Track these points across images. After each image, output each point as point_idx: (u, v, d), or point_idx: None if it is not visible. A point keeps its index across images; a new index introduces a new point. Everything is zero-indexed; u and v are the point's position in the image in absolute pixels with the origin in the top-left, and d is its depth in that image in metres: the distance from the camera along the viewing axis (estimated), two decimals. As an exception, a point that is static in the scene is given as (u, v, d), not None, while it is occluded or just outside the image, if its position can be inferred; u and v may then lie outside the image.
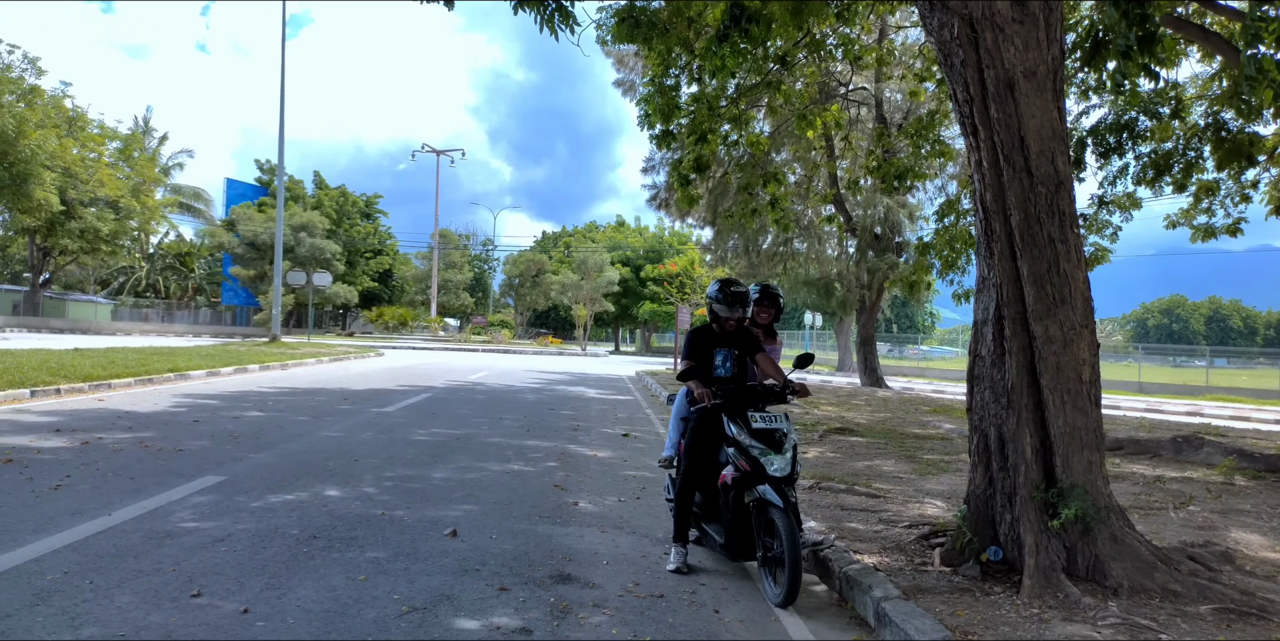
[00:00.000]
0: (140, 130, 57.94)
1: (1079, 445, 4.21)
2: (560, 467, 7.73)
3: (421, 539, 4.95)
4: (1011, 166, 4.29)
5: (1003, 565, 4.39)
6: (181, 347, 24.81)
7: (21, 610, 3.47)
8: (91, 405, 10.52)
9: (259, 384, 15.13)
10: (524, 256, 64.37)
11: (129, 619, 3.44)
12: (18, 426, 8.40)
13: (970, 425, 4.68)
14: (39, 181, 36.58)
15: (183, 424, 9.17)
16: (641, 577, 4.48)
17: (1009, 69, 4.29)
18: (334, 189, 64.42)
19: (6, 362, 13.79)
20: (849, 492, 6.66)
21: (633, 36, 9.33)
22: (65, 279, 59.89)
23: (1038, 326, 4.26)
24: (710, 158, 11.57)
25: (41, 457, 6.76)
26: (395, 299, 67.77)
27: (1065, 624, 3.74)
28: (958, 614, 3.84)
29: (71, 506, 5.21)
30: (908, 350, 63.17)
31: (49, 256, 47.35)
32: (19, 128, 35.14)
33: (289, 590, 3.91)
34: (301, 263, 51.99)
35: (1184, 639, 3.55)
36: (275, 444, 8.08)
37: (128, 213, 45.30)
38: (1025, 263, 4.28)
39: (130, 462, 6.74)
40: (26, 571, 3.96)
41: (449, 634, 3.50)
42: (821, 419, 12.65)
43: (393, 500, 5.92)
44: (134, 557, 4.25)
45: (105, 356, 17.04)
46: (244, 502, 5.58)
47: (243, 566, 4.21)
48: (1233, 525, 6.12)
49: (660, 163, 24.47)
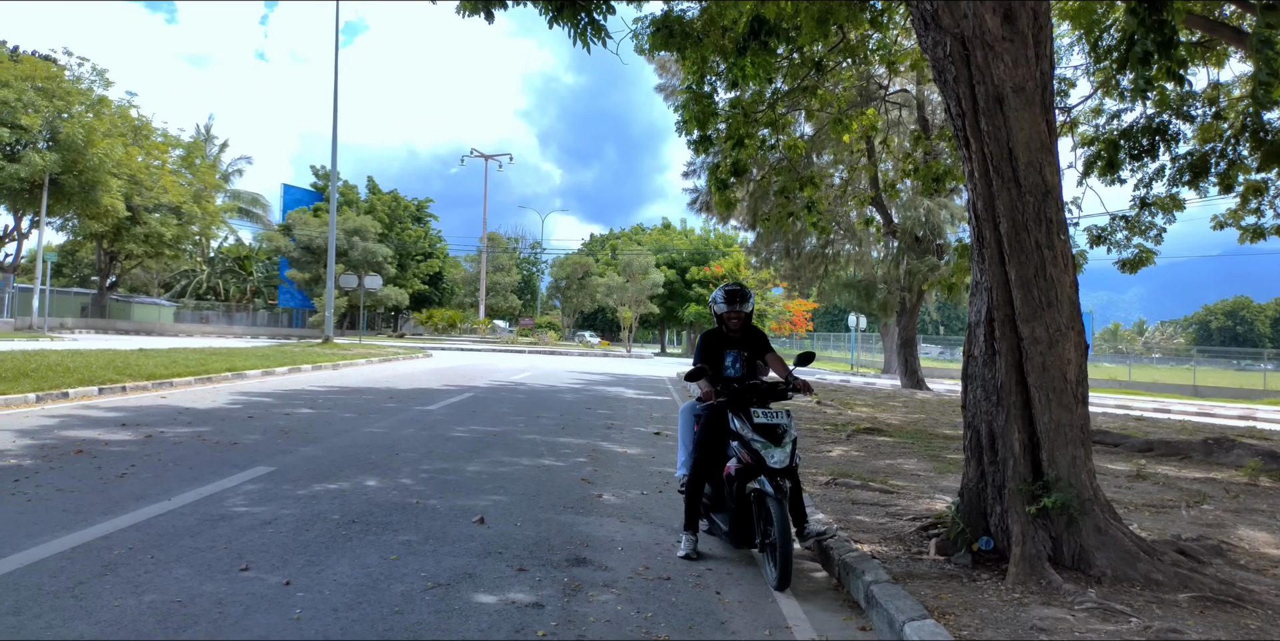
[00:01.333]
0: (202, 138, 60.03)
1: (1063, 441, 4.43)
2: (589, 463, 8.09)
3: (451, 525, 5.33)
4: (1000, 177, 4.52)
5: (994, 554, 4.62)
6: (239, 348, 25.78)
7: (92, 579, 3.93)
8: (154, 402, 11.17)
9: (310, 383, 15.78)
10: (570, 259, 65.08)
11: (184, 588, 3.87)
12: (87, 421, 9.02)
13: (964, 422, 4.92)
14: (106, 188, 38.14)
15: (238, 419, 9.73)
16: (652, 562, 4.80)
17: (998, 84, 4.52)
18: (386, 194, 65.82)
19: (76, 362, 14.61)
20: (863, 488, 6.90)
21: (667, 45, 9.63)
22: (131, 282, 62.16)
23: (1025, 328, 4.49)
24: (747, 162, 11.80)
25: (109, 449, 7.32)
26: (445, 301, 68.99)
27: (1043, 607, 3.97)
28: (941, 597, 4.09)
29: (136, 492, 5.71)
30: (958, 352, 62.44)
31: (115, 260, 49.27)
32: (88, 137, 36.69)
33: (327, 566, 4.31)
34: (355, 266, 53.30)
35: (1153, 622, 3.77)
36: (322, 438, 8.58)
37: (189, 218, 46.95)
38: (1013, 267, 4.51)
39: (189, 454, 7.26)
40: (96, 547, 4.43)
41: (468, 607, 3.86)
42: (854, 419, 12.83)
43: (427, 490, 6.33)
44: (190, 536, 4.70)
45: (167, 356, 17.89)
46: (290, 490, 6.03)
47: (287, 546, 4.63)
48: (1242, 523, 6.23)
49: (700, 167, 24.75)
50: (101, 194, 38.03)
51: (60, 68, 39.88)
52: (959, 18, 4.58)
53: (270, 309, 67.03)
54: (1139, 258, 13.64)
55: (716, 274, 60.01)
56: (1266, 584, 4.44)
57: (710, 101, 10.88)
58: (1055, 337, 4.44)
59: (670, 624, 3.83)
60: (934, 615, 3.79)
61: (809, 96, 12.21)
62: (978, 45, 4.53)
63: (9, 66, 36.59)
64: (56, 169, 35.95)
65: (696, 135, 10.99)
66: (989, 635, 3.60)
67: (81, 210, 39.60)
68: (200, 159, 51.80)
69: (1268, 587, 4.37)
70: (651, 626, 3.78)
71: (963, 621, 3.77)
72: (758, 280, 56.75)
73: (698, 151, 11.97)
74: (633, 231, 76.04)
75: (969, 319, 4.90)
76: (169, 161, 46.84)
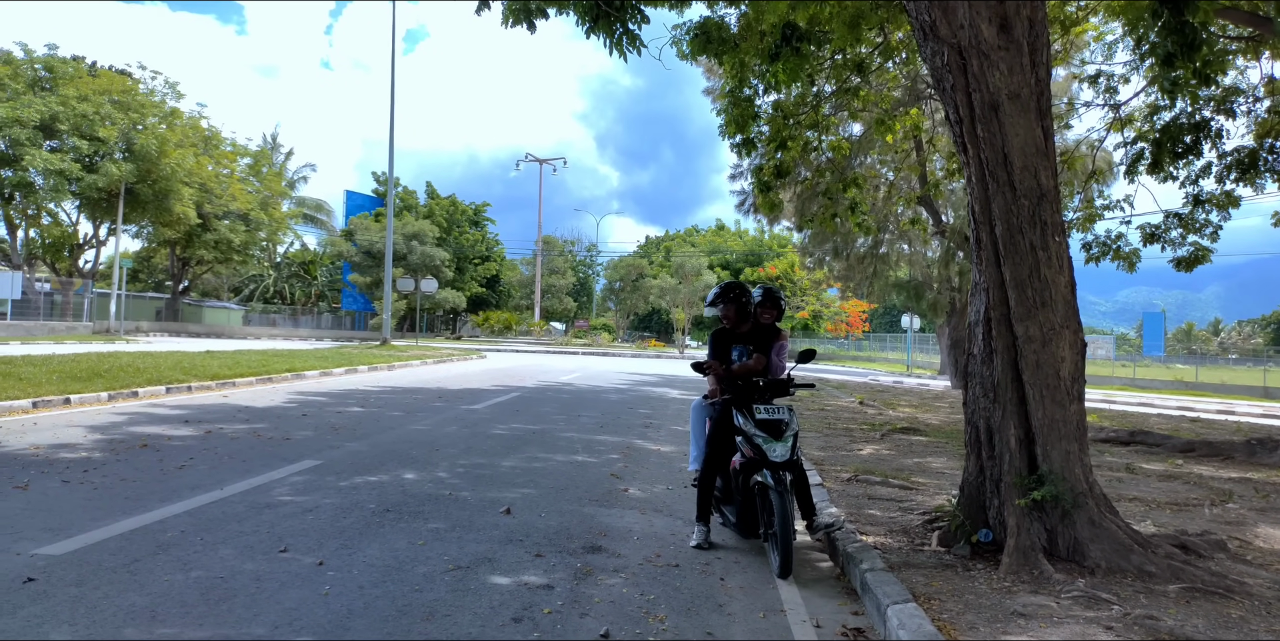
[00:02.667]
0: (269, 146, 62.09)
1: (1057, 436, 4.56)
2: (621, 459, 8.37)
3: (478, 515, 5.66)
4: (995, 181, 4.68)
5: (992, 546, 4.77)
6: (300, 350, 26.71)
7: (145, 557, 4.34)
8: (217, 400, 11.80)
9: (365, 383, 16.38)
10: (624, 261, 65.57)
11: (227, 565, 4.25)
12: (153, 418, 9.62)
13: (965, 418, 5.08)
14: (178, 197, 39.74)
15: (292, 417, 10.26)
16: (664, 551, 5.06)
17: (994, 92, 4.68)
18: (444, 198, 67.15)
19: (146, 363, 15.43)
20: (883, 485, 7.06)
21: (706, 50, 9.82)
22: (202, 286, 64.42)
23: (1019, 327, 4.64)
24: (791, 164, 11.92)
25: (171, 443, 7.84)
26: (502, 304, 70.06)
27: (1030, 595, 4.13)
28: (932, 584, 4.27)
29: (191, 482, 6.17)
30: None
31: (187, 266, 51.24)
32: (161, 147, 38.29)
33: (358, 550, 4.67)
34: (413, 270, 54.52)
35: (1134, 609, 3.90)
36: (369, 435, 9.02)
37: (257, 224, 48.61)
38: (1008, 268, 4.66)
39: (243, 448, 7.75)
40: (153, 529, 4.86)
41: (483, 587, 4.16)
42: (893, 419, 12.89)
43: (461, 483, 6.68)
44: (237, 522, 5.11)
45: (232, 358, 18.71)
46: (333, 482, 6.44)
47: (324, 531, 5.01)
48: (1265, 521, 6.23)
49: (746, 169, 24.85)
50: (174, 202, 39.62)
51: (135, 81, 41.72)
52: (956, 28, 4.75)
53: (334, 312, 68.87)
54: (1195, 255, 13.39)
55: (771, 274, 59.94)
56: (1263, 577, 4.51)
57: (750, 105, 11.00)
58: (1049, 336, 4.58)
59: (670, 605, 4.08)
60: (920, 600, 3.98)
61: (852, 97, 12.27)
62: (974, 54, 4.69)
63: (88, 81, 38.41)
64: (132, 178, 37.59)
65: (739, 138, 11.13)
66: (969, 619, 3.78)
67: (155, 218, 41.33)
68: (267, 167, 53.57)
69: (1262, 581, 4.44)
70: (652, 607, 4.04)
71: (946, 605, 3.95)
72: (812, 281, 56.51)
73: (741, 154, 12.16)
74: (686, 233, 76.27)
75: (969, 318, 5.05)
76: (237, 170, 48.58)
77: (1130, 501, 6.79)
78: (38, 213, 40.89)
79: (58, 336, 31.13)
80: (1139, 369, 44.08)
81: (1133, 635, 3.61)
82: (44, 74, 38.66)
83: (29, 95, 36.38)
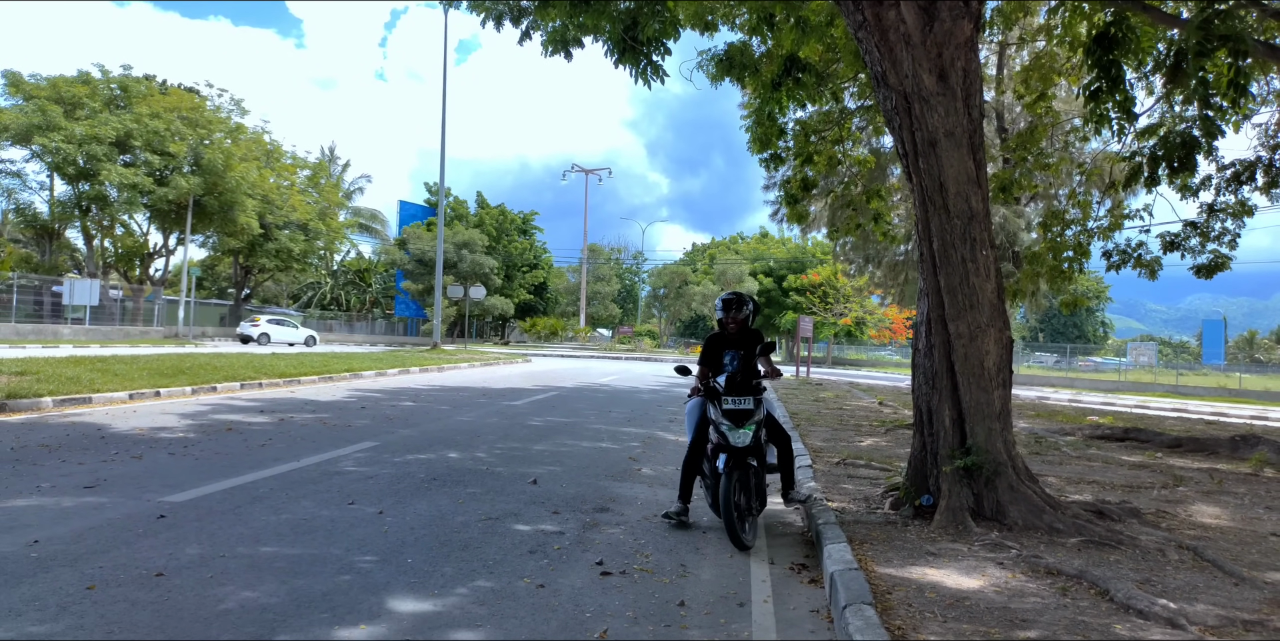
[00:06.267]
0: (327, 159, 64.48)
1: (982, 416, 5.50)
2: (641, 446, 9.41)
3: (509, 484, 6.75)
4: (933, 204, 5.63)
5: (932, 509, 5.71)
6: (357, 353, 28.26)
7: (245, 505, 5.50)
8: (285, 395, 13.13)
9: (416, 383, 17.68)
10: (668, 268, 66.68)
11: (308, 511, 5.40)
12: (232, 408, 10.93)
13: (913, 404, 6.02)
14: (242, 208, 41.85)
15: (352, 409, 11.50)
16: (661, 513, 6.08)
17: (932, 130, 5.64)
18: (494, 208, 68.97)
19: (221, 363, 16.91)
20: (866, 467, 8.00)
21: (729, 74, 10.72)
22: (263, 293, 67.02)
23: (951, 326, 5.58)
24: (817, 178, 12.82)
25: (251, 428, 9.10)
26: (549, 310, 71.61)
27: (949, 543, 5.08)
28: (872, 534, 5.24)
29: (273, 456, 7.37)
30: (1077, 361, 60.96)
31: (249, 274, 53.59)
32: (226, 161, 40.44)
33: (410, 505, 5.78)
34: (463, 277, 56.23)
35: (1027, 552, 4.82)
36: (419, 424, 10.20)
37: (315, 234, 50.75)
38: (943, 276, 5.61)
39: (312, 432, 8.96)
40: (247, 487, 6.04)
41: (507, 531, 5.24)
42: (903, 417, 13.71)
43: (496, 461, 7.79)
44: (312, 483, 6.27)
45: (296, 359, 20.20)
46: (389, 458, 7.60)
47: (382, 491, 6.14)
48: (1204, 501, 7.02)
49: (778, 180, 25.73)
50: (238, 213, 41.73)
51: (202, 98, 44.05)
52: (902, 77, 5.72)
53: (387, 318, 71.03)
54: (1214, 263, 13.95)
55: (813, 281, 60.46)
56: (1156, 536, 5.38)
57: (774, 123, 11.89)
58: (975, 333, 5.52)
59: (656, 548, 5.11)
60: (855, 544, 4.95)
61: (876, 112, 13.09)
62: (916, 99, 5.66)
63: (159, 99, 40.74)
64: (199, 191, 39.75)
65: (767, 154, 11.96)
66: (889, 556, 4.75)
67: (220, 228, 43.53)
68: (325, 179, 55.76)
69: (1154, 538, 5.31)
70: (640, 548, 5.07)
71: (877, 548, 4.92)
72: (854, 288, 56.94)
73: (768, 169, 13.08)
74: (730, 240, 77.09)
75: (915, 319, 6.00)
76: (297, 182, 50.77)
77: (1089, 484, 7.62)
78: (112, 224, 43.32)
79: (132, 340, 33.15)
80: (1181, 376, 43.82)
81: (1017, 568, 4.55)
82: (119, 93, 41.07)
83: (105, 113, 38.73)
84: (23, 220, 42.58)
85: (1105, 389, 39.49)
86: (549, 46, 9.41)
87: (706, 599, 4.17)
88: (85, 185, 38.42)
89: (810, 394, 19.73)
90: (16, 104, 37.27)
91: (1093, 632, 3.57)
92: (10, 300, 33.02)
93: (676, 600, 4.12)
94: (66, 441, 7.64)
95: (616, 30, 9.34)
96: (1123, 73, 6.81)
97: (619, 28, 9.35)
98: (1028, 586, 4.24)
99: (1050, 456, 9.50)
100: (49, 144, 35.40)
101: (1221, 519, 6.28)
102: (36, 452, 7.00)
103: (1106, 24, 6.74)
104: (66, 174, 38.04)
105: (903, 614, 3.74)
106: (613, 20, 9.36)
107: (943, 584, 4.24)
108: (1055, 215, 15.32)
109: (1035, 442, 10.73)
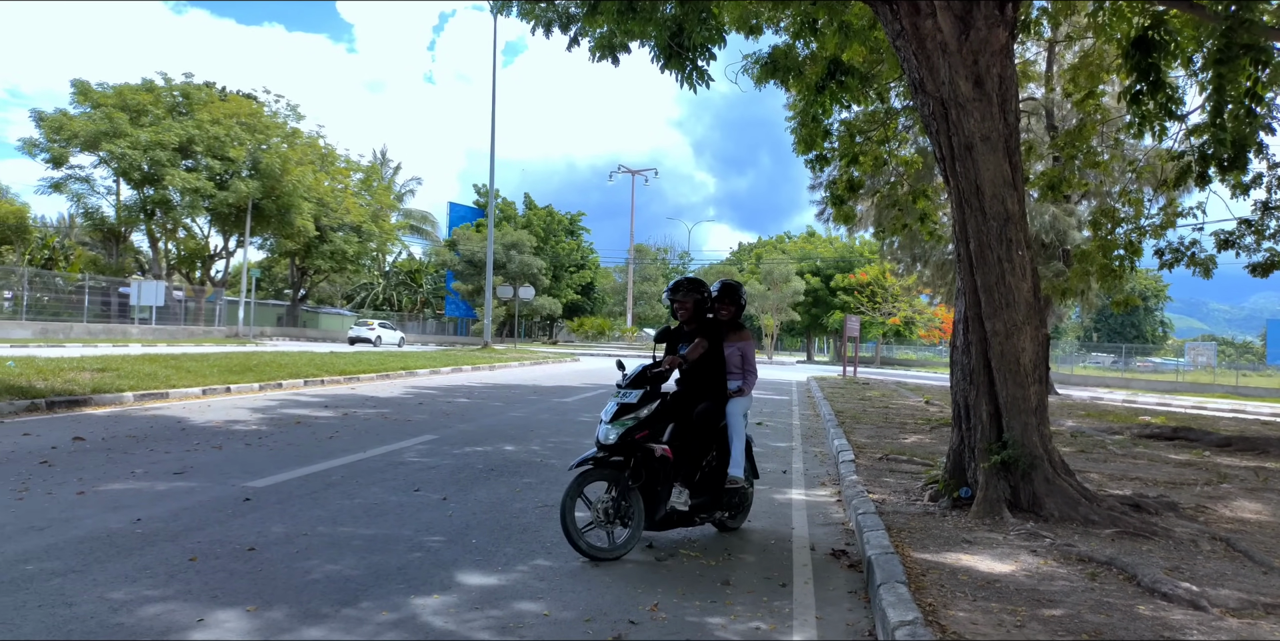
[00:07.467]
0: (379, 161, 65.89)
1: (1018, 411, 5.69)
2: (688, 442, 9.68)
3: (562, 475, 7.07)
4: (969, 207, 5.84)
5: (970, 501, 5.91)
6: (410, 352, 28.99)
7: (320, 490, 5.92)
8: (346, 391, 13.68)
9: (469, 380, 18.18)
10: (714, 268, 66.76)
11: (378, 497, 5.79)
12: (299, 403, 11.47)
13: (952, 399, 6.23)
14: (299, 211, 43.02)
15: (410, 405, 11.97)
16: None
17: (969, 135, 5.84)
18: (541, 209, 69.77)
19: (284, 361, 17.60)
20: (908, 462, 8.20)
21: (773, 76, 10.86)
22: (318, 294, 68.67)
23: (988, 324, 5.78)
24: (862, 178, 12.92)
25: (318, 421, 9.59)
26: (596, 310, 72.20)
27: (985, 532, 5.29)
28: (910, 524, 5.47)
29: (341, 447, 7.82)
30: (1134, 362, 59.77)
31: (305, 275, 54.98)
32: (283, 165, 41.63)
33: (471, 492, 6.15)
34: (512, 278, 57.00)
35: (1061, 541, 5.01)
36: (475, 419, 10.62)
37: (368, 236, 51.90)
38: (979, 276, 5.81)
39: (375, 426, 9.42)
40: (320, 475, 6.47)
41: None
42: (949, 416, 13.78)
43: (550, 454, 8.15)
44: (380, 472, 6.69)
45: (354, 358, 20.88)
46: (448, 450, 8.00)
47: (445, 480, 6.53)
48: (1246, 498, 7.09)
49: (823, 180, 25.78)
50: (295, 216, 42.90)
51: (260, 104, 45.37)
52: (939, 84, 5.93)
53: (438, 318, 72.27)
54: (1270, 261, 13.81)
55: (861, 281, 60.08)
56: (1192, 528, 5.52)
57: (818, 125, 12.02)
58: (1011, 331, 5.71)
59: (702, 533, 5.41)
60: (891, 532, 5.18)
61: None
62: (953, 105, 5.87)
63: (219, 106, 42.06)
64: (258, 195, 40.97)
65: (812, 155, 12.07)
66: (925, 543, 4.98)
67: (278, 231, 44.78)
68: (377, 182, 56.99)
69: (1189, 530, 5.45)
70: (687, 534, 5.37)
71: (914, 536, 5.15)
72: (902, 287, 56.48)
73: (814, 170, 13.23)
74: (777, 240, 76.88)
75: (954, 317, 6.20)
76: (350, 185, 51.98)
77: (1131, 480, 7.72)
78: (175, 227, 44.84)
79: (196, 339, 34.37)
80: (1243, 377, 42.76)
81: (1049, 556, 4.75)
82: (181, 99, 42.48)
83: (168, 120, 40.12)
84: (91, 224, 44.22)
85: (1162, 390, 38.74)
86: (596, 52, 9.64)
87: (750, 580, 4.46)
88: (150, 189, 39.80)
89: (856, 393, 19.82)
90: (85, 112, 38.76)
91: (1116, 613, 3.78)
92: (81, 301, 34.39)
93: (721, 579, 4.41)
94: (151, 432, 8.18)
95: (663, 36, 9.49)
96: (1162, 75, 6.91)
97: (665, 34, 9.49)
98: (1058, 571, 4.44)
99: (1095, 454, 9.58)
100: (115, 150, 36.81)
101: (1262, 514, 6.37)
102: (126, 442, 7.54)
103: (1145, 27, 6.85)
104: (132, 179, 39.49)
105: (934, 593, 3.98)
106: (659, 26, 9.50)
107: (975, 568, 4.46)
108: (1106, 213, 15.29)
109: (1082, 440, 10.78)
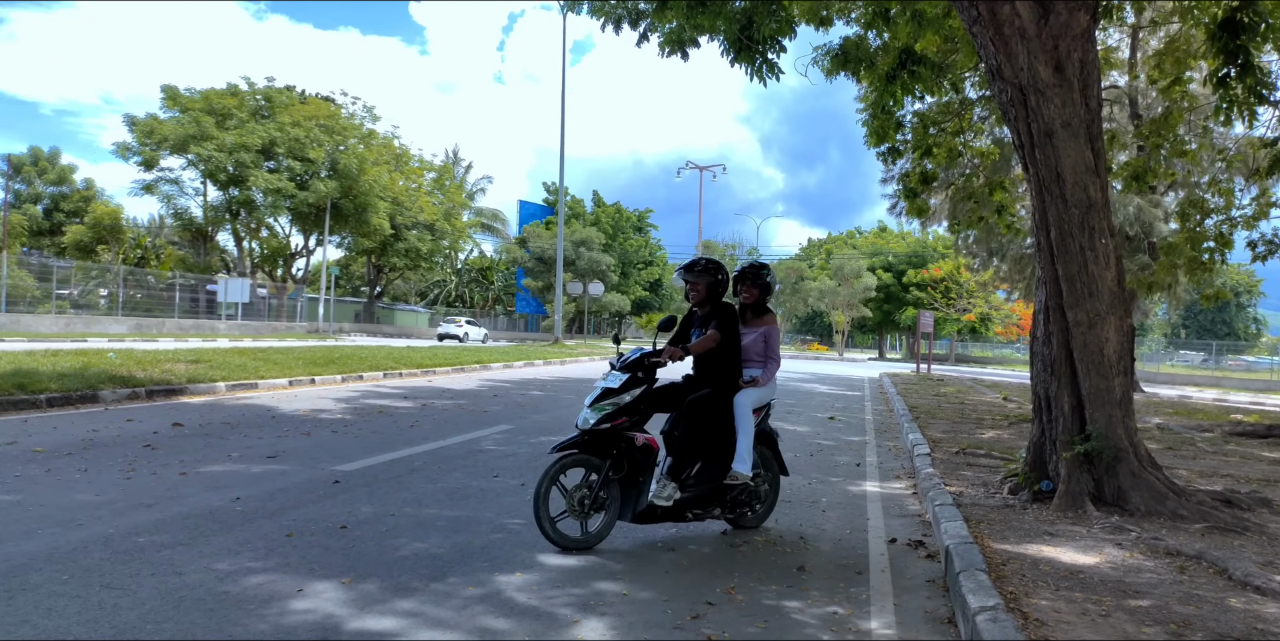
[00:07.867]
0: (450, 161, 67.11)
1: (1101, 403, 5.57)
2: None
3: (637, 464, 7.19)
4: (1049, 194, 5.73)
5: (1051, 494, 5.81)
6: (483, 347, 29.54)
7: (405, 474, 6.14)
8: (424, 384, 14.04)
9: (541, 374, 18.46)
10: (783, 264, 66.20)
11: (460, 482, 5.98)
12: (379, 394, 11.83)
13: (1032, 390, 6.13)
14: (375, 210, 44.17)
15: (485, 397, 12.24)
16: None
17: (1049, 121, 5.73)
18: (609, 206, 70.20)
19: (364, 355, 18.16)
20: (985, 457, 8.08)
21: (844, 67, 10.74)
22: (393, 291, 70.35)
23: (1070, 314, 5.67)
24: (936, 171, 12.69)
25: (400, 411, 9.89)
26: (664, 306, 72.29)
27: (1067, 525, 5.20)
28: (989, 516, 5.41)
29: (422, 435, 8.06)
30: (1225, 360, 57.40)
31: (381, 272, 56.39)
32: (360, 166, 42.77)
33: (548, 479, 6.29)
34: (581, 275, 57.52)
35: (1148, 535, 4.90)
36: (548, 410, 10.81)
37: (441, 234, 52.98)
38: (1061, 265, 5.70)
39: (453, 416, 9.67)
40: (404, 461, 6.70)
41: (638, 504, 5.66)
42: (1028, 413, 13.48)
43: (623, 444, 8.25)
44: (460, 459, 6.89)
45: (430, 352, 21.41)
46: (524, 439, 8.19)
47: (522, 467, 6.69)
48: (1346, 496, 6.81)
49: (896, 173, 25.38)
50: (371, 215, 44.07)
51: (337, 107, 46.65)
52: (1017, 70, 5.83)
53: (508, 314, 73.35)
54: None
55: (935, 276, 58.87)
56: (1287, 525, 5.34)
57: (890, 116, 11.85)
58: (1094, 321, 5.59)
59: (775, 521, 5.43)
60: (972, 523, 5.13)
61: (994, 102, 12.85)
62: (1031, 91, 5.76)
63: (299, 108, 43.39)
64: (336, 195, 42.17)
65: (885, 147, 11.91)
66: (1005, 534, 4.93)
67: (355, 229, 46.06)
68: (449, 181, 58.12)
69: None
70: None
71: (994, 528, 5.10)
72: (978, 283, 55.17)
73: (886, 163, 12.97)
74: (847, 235, 75.85)
75: (1035, 307, 6.10)
76: (424, 184, 53.12)
77: (1222, 477, 7.48)
78: (258, 226, 46.47)
79: (279, 334, 35.59)
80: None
81: (1135, 549, 4.66)
82: (263, 103, 43.96)
83: (252, 123, 41.59)
84: (180, 224, 46.15)
85: (1256, 389, 37.09)
86: (666, 47, 9.66)
87: (826, 567, 4.48)
88: (235, 190, 41.30)
89: (931, 389, 19.49)
90: (174, 116, 40.44)
91: (1206, 604, 3.70)
92: (172, 298, 35.90)
93: (797, 566, 4.44)
94: (243, 420, 8.55)
95: (732, 30, 9.47)
96: (1252, 58, 6.65)
97: (734, 27, 9.47)
98: (1144, 564, 4.36)
99: (1184, 451, 9.29)
100: (203, 152, 38.32)
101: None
102: (221, 428, 7.91)
103: (1232, 9, 6.61)
104: (219, 180, 41.05)
105: (1015, 582, 3.95)
106: (728, 20, 9.48)
107: (1058, 559, 4.41)
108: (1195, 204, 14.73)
109: (1169, 437, 10.46)
